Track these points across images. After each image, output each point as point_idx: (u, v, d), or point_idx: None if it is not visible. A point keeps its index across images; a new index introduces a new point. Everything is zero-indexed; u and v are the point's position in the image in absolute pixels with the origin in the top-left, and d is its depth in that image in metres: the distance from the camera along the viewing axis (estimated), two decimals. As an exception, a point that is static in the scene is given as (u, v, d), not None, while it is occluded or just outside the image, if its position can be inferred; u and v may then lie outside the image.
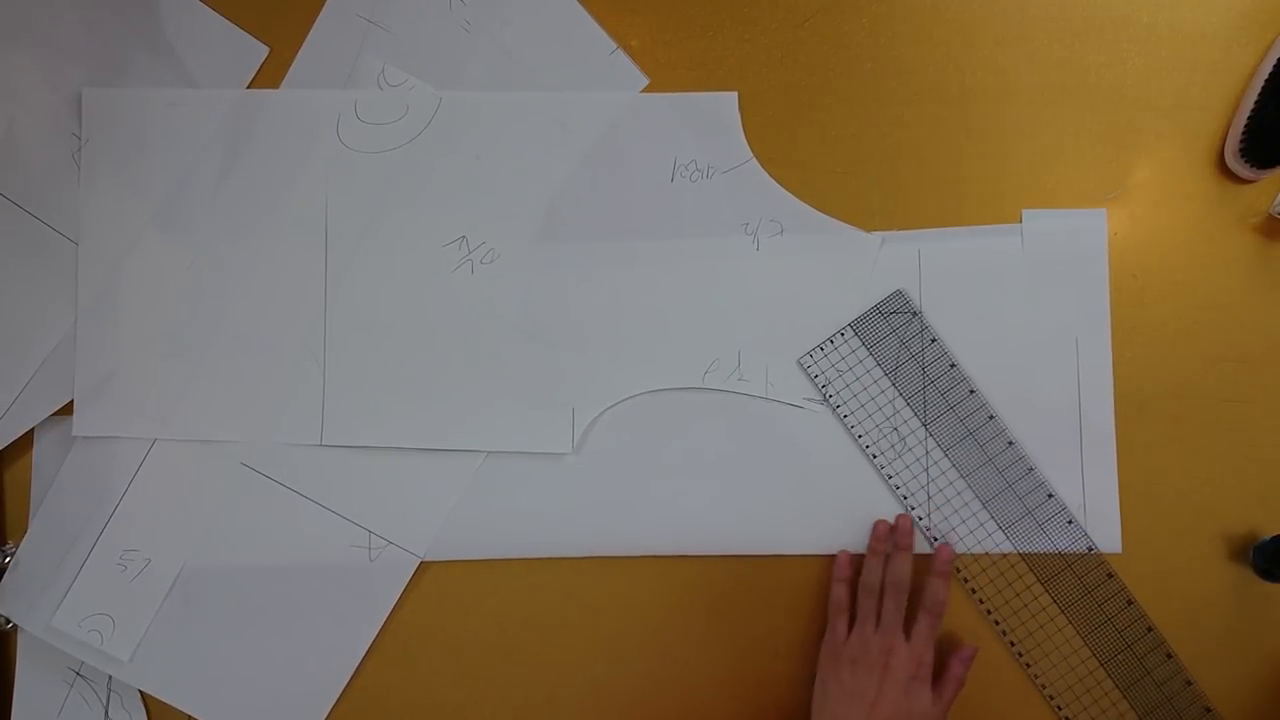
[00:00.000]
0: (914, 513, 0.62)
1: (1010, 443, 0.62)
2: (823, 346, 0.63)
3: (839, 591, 0.61)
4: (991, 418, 0.62)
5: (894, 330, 0.63)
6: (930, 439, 0.62)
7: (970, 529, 0.62)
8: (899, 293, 0.63)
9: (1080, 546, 0.62)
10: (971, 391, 0.62)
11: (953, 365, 0.62)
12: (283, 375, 0.63)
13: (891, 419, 0.63)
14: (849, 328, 0.63)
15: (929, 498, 0.62)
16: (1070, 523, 0.62)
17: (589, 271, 0.63)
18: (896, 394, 0.63)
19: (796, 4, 0.63)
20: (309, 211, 0.63)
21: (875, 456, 0.63)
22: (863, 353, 0.63)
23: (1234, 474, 0.62)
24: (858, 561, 0.62)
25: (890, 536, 0.61)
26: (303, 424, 0.63)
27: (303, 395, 0.63)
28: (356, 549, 0.63)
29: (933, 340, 0.62)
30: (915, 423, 0.62)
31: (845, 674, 0.58)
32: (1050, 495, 0.62)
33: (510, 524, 0.63)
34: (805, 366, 0.63)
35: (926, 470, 0.62)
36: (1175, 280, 0.63)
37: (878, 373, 0.63)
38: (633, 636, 0.64)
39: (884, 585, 0.60)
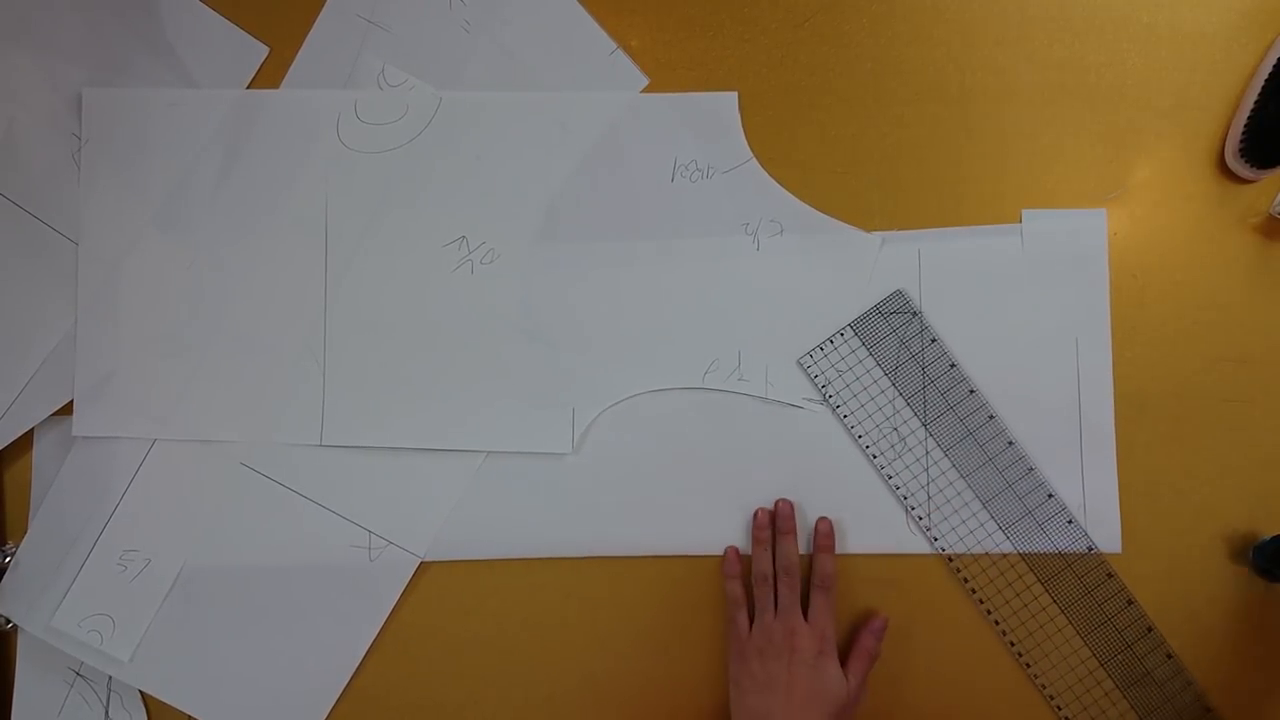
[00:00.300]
0: (914, 512, 0.62)
1: (1010, 443, 0.62)
2: (822, 346, 0.63)
3: (733, 588, 0.62)
4: (991, 418, 0.62)
5: (894, 330, 0.63)
6: (930, 439, 0.62)
7: (970, 529, 0.62)
8: (899, 292, 0.63)
9: (1080, 546, 0.62)
10: (971, 391, 0.62)
11: (953, 365, 0.62)
12: (283, 375, 0.63)
13: (891, 419, 0.63)
14: (849, 328, 0.63)
15: (929, 498, 0.62)
16: (1070, 523, 0.62)
17: (589, 271, 0.63)
18: (896, 394, 0.63)
19: (796, 4, 0.63)
20: (309, 211, 0.63)
21: (875, 457, 0.63)
22: (862, 353, 0.63)
23: (1234, 474, 0.62)
24: (746, 557, 0.62)
25: (771, 524, 0.62)
26: (303, 424, 0.63)
27: (303, 395, 0.63)
28: (356, 549, 0.63)
29: (933, 340, 0.62)
30: (915, 423, 0.62)
31: (755, 666, 0.59)
32: (1050, 495, 0.62)
33: (510, 524, 0.63)
34: (805, 366, 0.63)
35: (926, 470, 0.62)
36: (1175, 280, 0.63)
37: (878, 372, 0.63)
38: (632, 636, 0.64)
39: (776, 572, 0.61)
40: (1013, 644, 0.62)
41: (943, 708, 0.63)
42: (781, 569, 0.60)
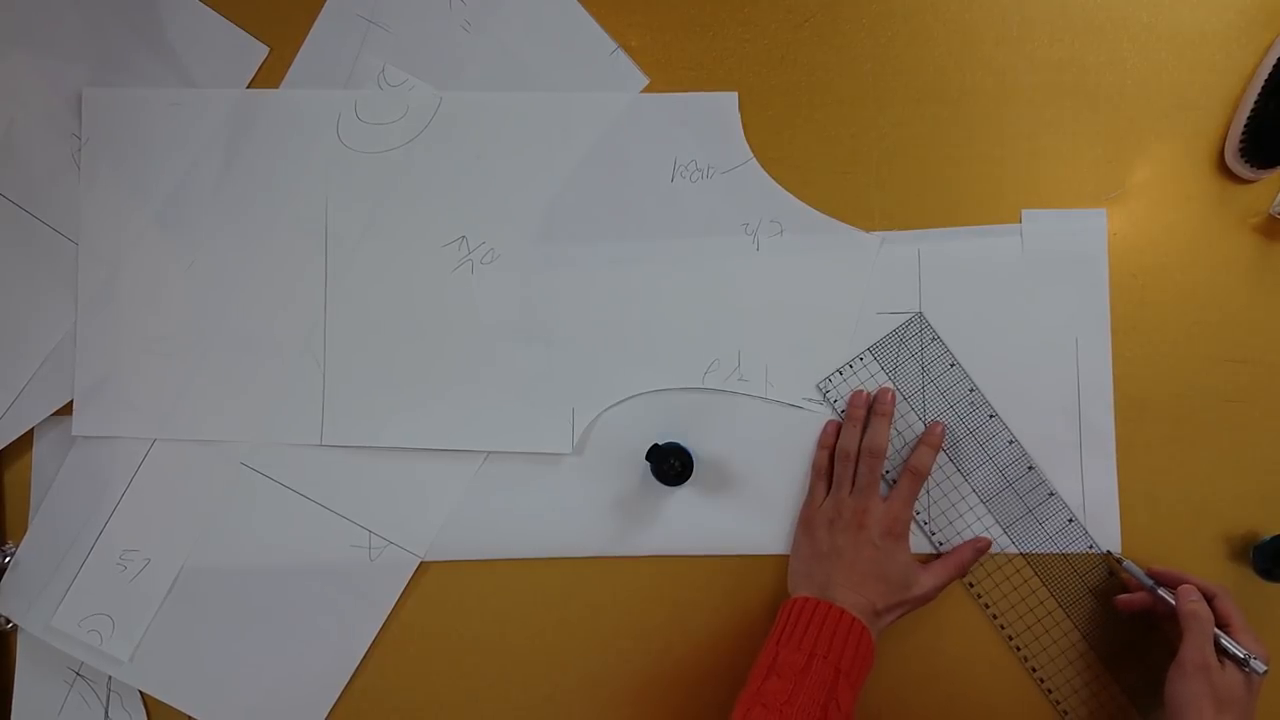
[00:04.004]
0: (915, 513, 0.62)
1: (1010, 441, 0.62)
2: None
3: (820, 457, 0.62)
4: (992, 416, 0.62)
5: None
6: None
7: (967, 523, 0.62)
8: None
9: (1080, 545, 0.62)
10: (971, 390, 0.62)
11: (953, 365, 0.62)
12: (283, 375, 0.63)
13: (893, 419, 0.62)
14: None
15: (928, 495, 0.62)
16: (1071, 521, 0.62)
17: (589, 271, 0.63)
18: (895, 391, 0.62)
19: (796, 4, 0.63)
20: (309, 211, 0.63)
21: (875, 456, 0.62)
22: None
23: (1234, 474, 0.62)
24: None
25: (868, 404, 0.62)
26: (303, 424, 0.63)
27: (303, 395, 0.63)
28: (356, 549, 0.63)
29: (933, 339, 0.62)
30: (914, 417, 0.62)
31: (820, 534, 0.59)
32: (1051, 494, 0.62)
33: (510, 524, 0.63)
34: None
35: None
36: (1175, 280, 0.63)
37: (875, 366, 0.63)
38: (632, 636, 0.64)
39: (860, 451, 0.60)
40: (1011, 638, 0.62)
41: (943, 705, 0.63)
42: (865, 448, 0.60)
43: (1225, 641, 0.55)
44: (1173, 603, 0.57)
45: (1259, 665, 0.53)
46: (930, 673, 0.63)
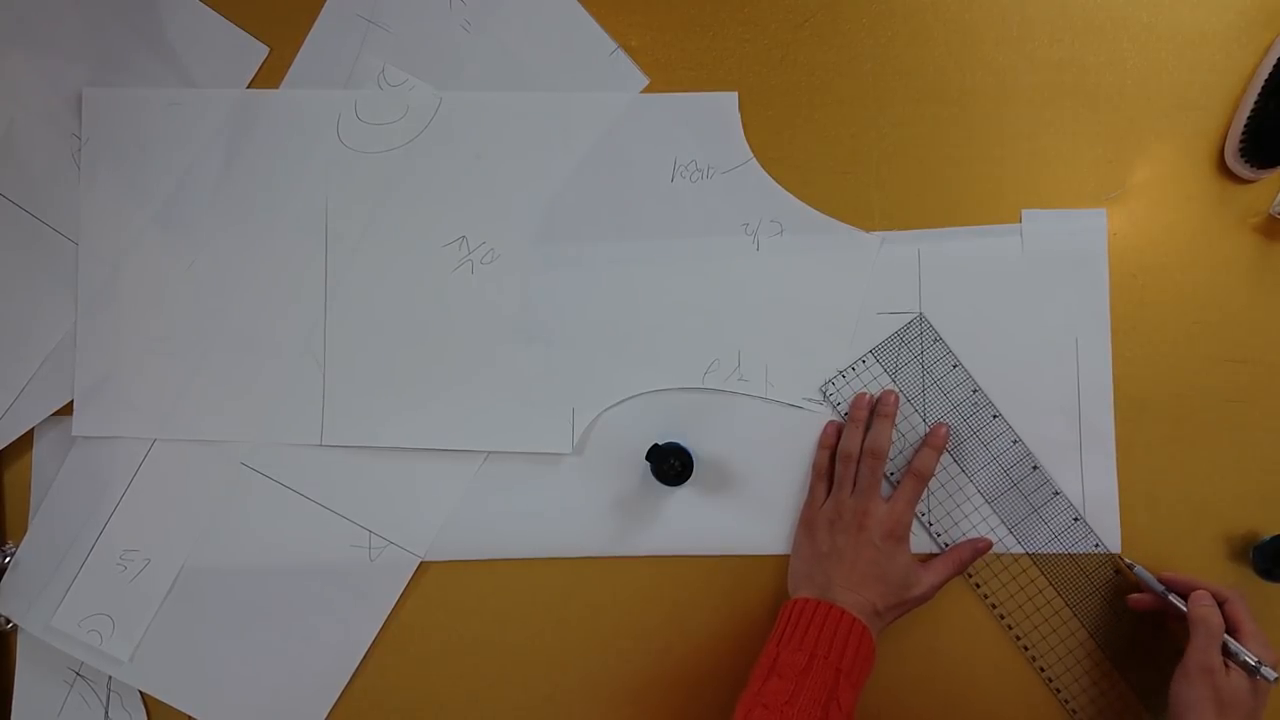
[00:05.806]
0: (916, 509, 0.62)
1: (1015, 441, 0.62)
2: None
3: (821, 457, 0.62)
4: (995, 417, 0.62)
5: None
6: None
7: (972, 523, 0.62)
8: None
9: (1086, 545, 0.62)
10: (974, 391, 0.62)
11: (955, 366, 0.62)
12: (283, 375, 0.63)
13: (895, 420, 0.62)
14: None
15: (930, 494, 0.62)
16: (1076, 520, 0.62)
17: (589, 271, 0.63)
18: (899, 394, 0.62)
19: (796, 4, 0.63)
20: (309, 211, 0.63)
21: (875, 456, 0.62)
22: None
23: (1234, 474, 0.62)
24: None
25: (871, 406, 0.62)
26: (303, 424, 0.63)
27: (303, 395, 0.63)
28: (356, 549, 0.63)
29: (935, 340, 0.63)
30: (916, 419, 0.62)
31: (821, 536, 0.59)
32: (1056, 493, 0.62)
33: (510, 524, 0.63)
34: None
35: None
36: (1175, 280, 0.63)
37: (877, 368, 0.63)
38: (632, 636, 0.64)
39: (862, 452, 0.60)
40: (1018, 638, 0.62)
41: (945, 705, 0.63)
42: (868, 449, 0.60)
43: (1234, 647, 0.54)
44: (1183, 608, 0.57)
45: (1269, 673, 0.53)
46: (932, 673, 0.63)
